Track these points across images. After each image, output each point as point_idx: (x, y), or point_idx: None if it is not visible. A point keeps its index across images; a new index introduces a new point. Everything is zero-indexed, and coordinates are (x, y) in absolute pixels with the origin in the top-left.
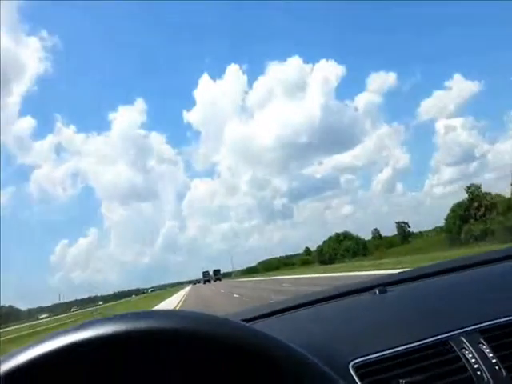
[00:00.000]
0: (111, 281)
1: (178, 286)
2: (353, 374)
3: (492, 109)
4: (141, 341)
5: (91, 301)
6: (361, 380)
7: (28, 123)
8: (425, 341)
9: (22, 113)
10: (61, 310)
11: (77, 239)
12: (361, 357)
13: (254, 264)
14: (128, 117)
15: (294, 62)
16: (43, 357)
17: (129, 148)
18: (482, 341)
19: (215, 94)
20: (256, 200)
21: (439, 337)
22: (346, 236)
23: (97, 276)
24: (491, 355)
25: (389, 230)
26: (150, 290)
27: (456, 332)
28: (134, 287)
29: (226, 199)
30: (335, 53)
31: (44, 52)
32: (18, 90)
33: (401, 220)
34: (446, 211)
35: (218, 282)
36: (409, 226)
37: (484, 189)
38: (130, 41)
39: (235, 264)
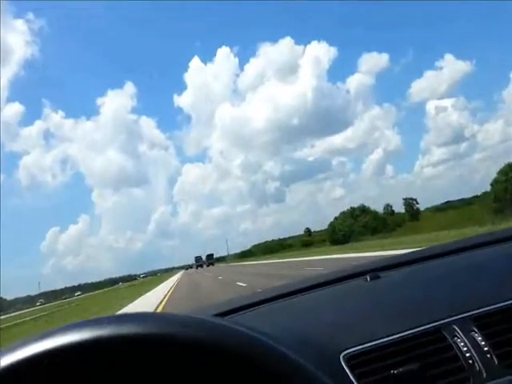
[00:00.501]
0: (103, 267)
1: (170, 271)
2: (344, 365)
3: (483, 89)
4: (109, 347)
5: (79, 289)
6: (352, 371)
7: (15, 109)
8: (417, 329)
9: (9, 98)
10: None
11: (67, 226)
12: (352, 347)
13: (247, 248)
14: (117, 101)
15: (286, 44)
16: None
17: (119, 133)
18: (475, 328)
19: (206, 78)
20: (248, 184)
21: (431, 325)
22: (363, 210)
23: (88, 263)
24: (483, 343)
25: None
26: (141, 276)
27: (448, 320)
28: (126, 273)
29: (217, 184)
30: (327, 34)
31: (31, 35)
32: (5, 74)
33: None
34: (436, 191)
35: (211, 267)
36: (417, 203)
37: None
38: (119, 24)
39: (231, 248)
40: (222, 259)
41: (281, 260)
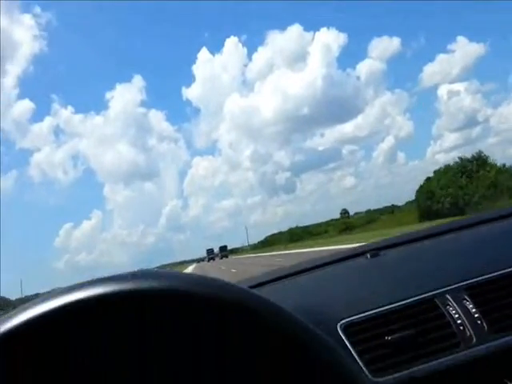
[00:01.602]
0: (116, 262)
1: (181, 265)
2: (340, 333)
3: (498, 71)
4: (125, 301)
5: None
6: (348, 338)
7: (25, 106)
8: (411, 299)
9: (19, 96)
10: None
11: (81, 222)
12: (348, 317)
13: (261, 239)
14: (126, 95)
15: (295, 31)
16: (39, 317)
17: (128, 127)
18: (466, 297)
19: (214, 69)
20: (259, 175)
21: (425, 295)
22: (481, 162)
23: (102, 258)
24: (474, 310)
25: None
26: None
27: (441, 290)
28: (137, 268)
29: (228, 176)
30: (336, 20)
31: (38, 30)
32: (14, 71)
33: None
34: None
35: (224, 259)
36: None
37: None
38: (126, 17)
39: (242, 240)
40: (235, 251)
41: (317, 249)
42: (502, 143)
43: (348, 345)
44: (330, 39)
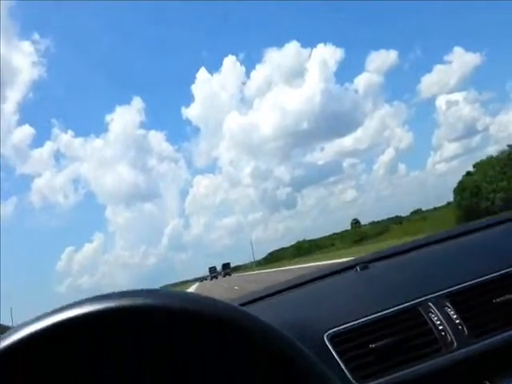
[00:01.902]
0: (119, 284)
1: (184, 284)
2: (327, 343)
3: (495, 79)
4: (120, 317)
5: None
6: (334, 348)
7: (25, 131)
8: (395, 308)
9: (19, 121)
10: None
11: (83, 245)
12: (335, 327)
13: (263, 255)
14: (126, 117)
15: (292, 48)
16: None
17: (128, 149)
18: (448, 304)
19: (213, 88)
20: (259, 191)
21: (408, 304)
22: None
23: (104, 280)
24: (455, 316)
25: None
26: None
27: (424, 298)
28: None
29: (229, 193)
30: (333, 35)
31: (37, 56)
32: (14, 97)
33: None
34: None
35: (227, 277)
36: None
37: None
38: (124, 39)
39: (244, 257)
40: (238, 268)
41: (327, 262)
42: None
43: (334, 354)
44: (327, 54)
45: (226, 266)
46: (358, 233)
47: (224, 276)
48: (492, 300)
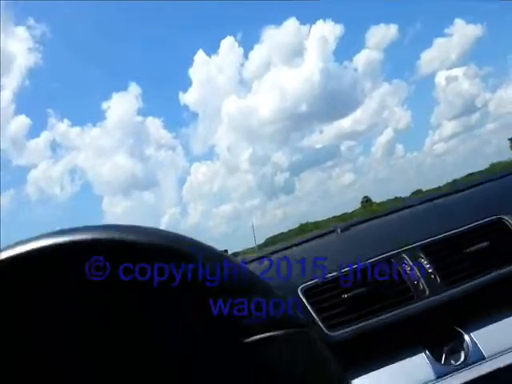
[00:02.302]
0: None
1: None
2: (301, 295)
3: (496, 52)
4: (65, 253)
5: None
6: (307, 300)
7: (21, 122)
8: (369, 260)
9: (16, 112)
10: None
11: None
12: (308, 281)
13: (262, 241)
14: (123, 104)
15: (291, 25)
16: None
17: (126, 137)
18: (422, 255)
19: (211, 71)
20: (258, 178)
21: (382, 256)
22: None
23: None
24: (428, 266)
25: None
26: None
27: (398, 250)
28: None
29: (227, 180)
30: (332, 11)
31: (32, 42)
32: (10, 86)
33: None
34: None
35: None
36: None
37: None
38: (119, 24)
39: (244, 244)
40: (236, 255)
41: None
42: (501, 129)
43: (307, 305)
44: (326, 32)
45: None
46: (370, 212)
47: None
48: (465, 250)
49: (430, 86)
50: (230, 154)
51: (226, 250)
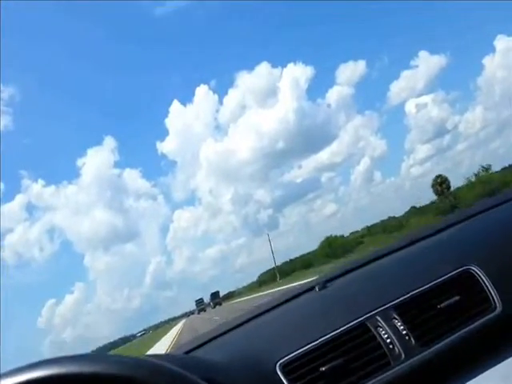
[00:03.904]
0: (103, 333)
1: (170, 322)
2: (279, 372)
3: (460, 79)
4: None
5: None
6: (287, 376)
7: None
8: (344, 327)
9: None
10: None
11: (63, 297)
12: (286, 356)
13: (253, 280)
14: (98, 159)
15: (263, 69)
16: None
17: (103, 191)
18: (395, 316)
19: (187, 119)
20: (241, 217)
21: (357, 321)
22: None
23: (89, 330)
24: (402, 327)
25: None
26: (138, 335)
27: (372, 313)
28: (122, 335)
29: (211, 223)
30: (302, 53)
31: (2, 105)
32: None
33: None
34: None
35: (218, 307)
36: None
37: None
38: (90, 80)
39: (233, 284)
40: (230, 295)
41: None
42: (471, 148)
43: (285, 383)
44: (297, 73)
45: (214, 295)
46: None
47: (214, 307)
48: (437, 306)
49: (401, 115)
50: (212, 196)
51: (217, 292)
